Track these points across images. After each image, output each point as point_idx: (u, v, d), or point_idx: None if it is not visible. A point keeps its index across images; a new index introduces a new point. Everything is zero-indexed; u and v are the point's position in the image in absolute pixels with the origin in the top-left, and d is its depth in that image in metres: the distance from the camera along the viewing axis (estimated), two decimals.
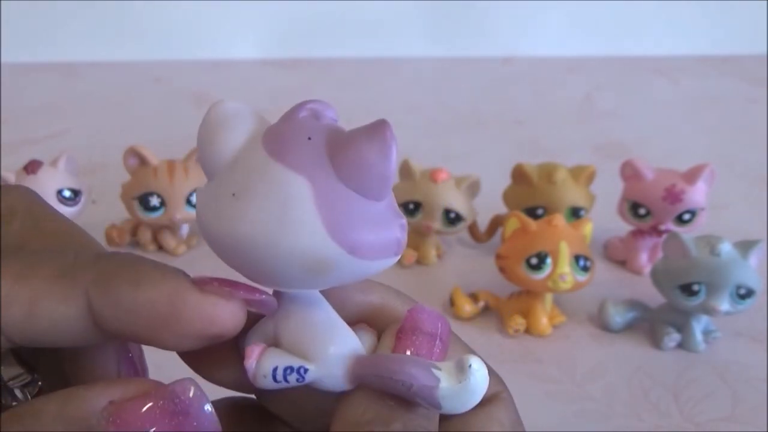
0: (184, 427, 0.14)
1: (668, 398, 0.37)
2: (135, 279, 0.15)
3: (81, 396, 0.14)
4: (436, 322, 0.17)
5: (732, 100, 0.82)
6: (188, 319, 0.15)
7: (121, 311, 0.15)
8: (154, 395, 0.14)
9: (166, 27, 0.92)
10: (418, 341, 0.16)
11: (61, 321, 0.15)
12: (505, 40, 0.95)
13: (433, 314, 0.17)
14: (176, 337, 0.15)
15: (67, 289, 0.15)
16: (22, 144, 0.66)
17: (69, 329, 0.15)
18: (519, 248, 0.40)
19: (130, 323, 0.15)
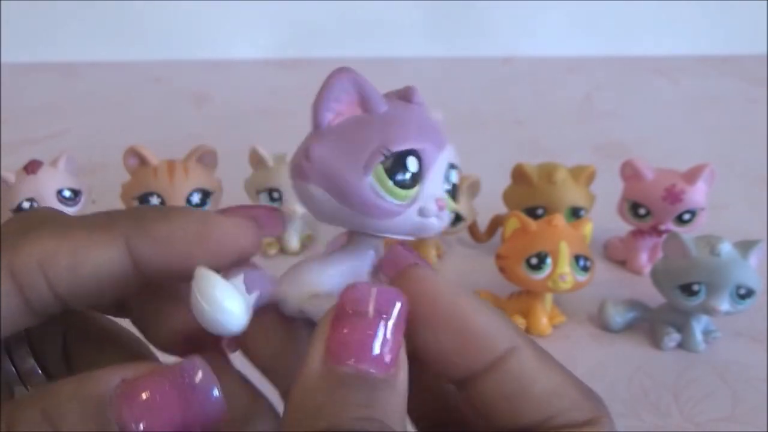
0: (191, 404, 0.14)
1: (668, 398, 0.37)
2: (165, 215, 0.17)
3: (96, 376, 0.15)
4: (367, 299, 0.15)
5: (732, 100, 0.82)
6: (216, 237, 0.17)
7: (157, 243, 0.16)
8: (164, 373, 0.15)
9: (166, 27, 0.92)
10: (349, 324, 0.15)
11: (103, 265, 0.16)
12: (505, 40, 0.95)
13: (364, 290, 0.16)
14: (207, 255, 0.16)
15: (106, 234, 0.16)
16: (22, 144, 0.66)
17: (111, 272, 0.16)
18: (519, 248, 0.40)
19: (166, 253, 0.16)
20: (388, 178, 0.17)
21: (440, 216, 0.17)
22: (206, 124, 0.74)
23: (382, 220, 0.17)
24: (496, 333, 0.17)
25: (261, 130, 0.72)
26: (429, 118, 0.18)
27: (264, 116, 0.76)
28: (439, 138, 0.18)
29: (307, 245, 0.50)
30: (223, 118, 0.75)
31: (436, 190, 0.17)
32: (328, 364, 0.15)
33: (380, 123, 0.17)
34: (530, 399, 0.17)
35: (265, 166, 0.47)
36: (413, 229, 0.17)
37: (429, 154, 0.17)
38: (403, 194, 0.17)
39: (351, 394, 0.15)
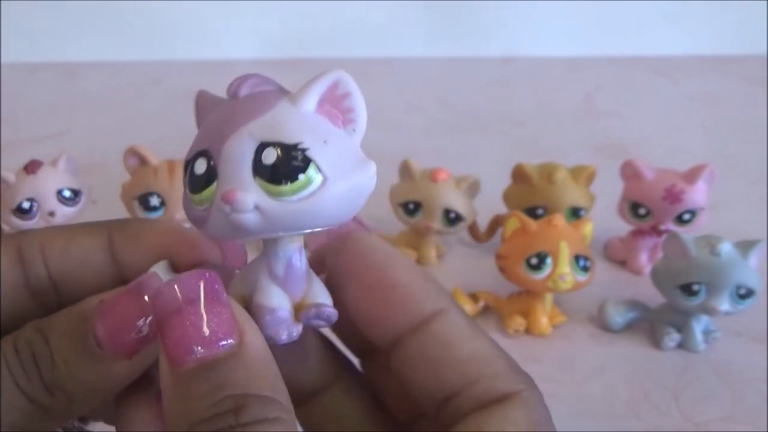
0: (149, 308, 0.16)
1: (668, 398, 0.37)
2: (142, 221, 0.20)
3: (84, 300, 0.17)
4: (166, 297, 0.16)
5: (732, 100, 0.82)
6: (178, 245, 0.19)
7: (130, 241, 0.19)
8: (126, 289, 0.17)
9: (166, 27, 0.92)
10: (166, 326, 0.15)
11: (90, 251, 0.19)
12: (505, 40, 0.95)
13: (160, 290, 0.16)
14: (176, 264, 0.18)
15: (94, 229, 0.19)
16: (22, 144, 0.66)
17: (95, 260, 0.19)
18: (519, 248, 0.40)
19: (136, 250, 0.19)
20: (186, 187, 0.17)
21: (237, 209, 0.15)
22: None
23: (203, 228, 0.16)
24: (424, 293, 0.18)
25: None
26: (234, 106, 0.17)
27: None
28: (232, 122, 0.16)
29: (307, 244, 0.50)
30: None
31: (227, 183, 0.16)
32: (173, 370, 0.15)
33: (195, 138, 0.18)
34: (453, 362, 0.17)
35: None
36: (229, 229, 0.16)
37: (214, 147, 0.16)
38: (197, 199, 0.16)
39: (197, 386, 0.15)
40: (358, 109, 0.17)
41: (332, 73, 0.17)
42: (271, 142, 0.16)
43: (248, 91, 0.17)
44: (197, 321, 0.15)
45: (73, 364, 0.17)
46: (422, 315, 0.17)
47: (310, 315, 0.17)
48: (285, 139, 0.16)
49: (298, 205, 0.16)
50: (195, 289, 0.16)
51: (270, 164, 0.15)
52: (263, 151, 0.16)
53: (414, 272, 0.18)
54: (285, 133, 0.16)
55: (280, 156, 0.15)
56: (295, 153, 0.16)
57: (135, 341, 0.17)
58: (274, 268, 0.18)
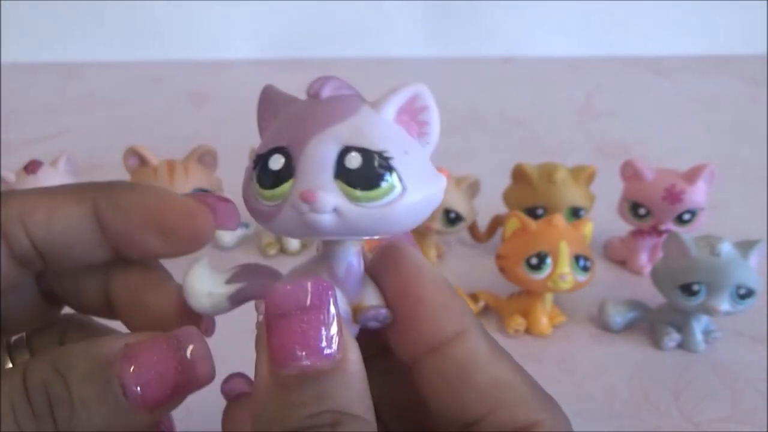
0: (184, 369, 0.16)
1: (668, 398, 0.37)
2: (131, 187, 0.19)
3: (103, 340, 0.17)
4: (288, 297, 0.16)
5: (732, 100, 0.82)
6: (171, 214, 0.18)
7: (119, 209, 0.18)
8: (163, 340, 0.17)
9: (165, 27, 0.92)
10: (279, 327, 0.15)
11: (73, 221, 0.18)
12: (505, 40, 0.95)
13: (284, 289, 0.16)
14: (160, 231, 0.18)
15: (78, 195, 0.18)
16: (22, 144, 0.66)
17: (80, 230, 0.18)
18: (519, 248, 0.40)
19: (126, 219, 0.18)
20: (257, 182, 0.17)
21: (315, 208, 0.16)
22: (206, 124, 0.74)
23: (269, 223, 0.17)
24: (446, 312, 0.17)
25: None
26: (316, 107, 0.17)
27: None
28: (316, 124, 0.16)
29: (307, 245, 0.50)
30: (222, 118, 0.75)
31: (309, 183, 0.16)
32: (274, 371, 0.15)
33: (267, 132, 0.18)
34: (473, 388, 0.16)
35: None
36: (300, 227, 0.16)
37: (296, 146, 0.16)
38: (268, 194, 0.16)
39: (298, 394, 0.15)
40: (433, 123, 0.18)
41: (413, 86, 0.17)
42: (356, 147, 0.16)
43: (330, 92, 0.17)
44: (307, 328, 0.15)
45: (94, 411, 0.16)
46: (444, 335, 0.17)
47: (368, 317, 0.17)
48: (370, 146, 0.16)
49: (376, 212, 0.16)
50: (310, 296, 0.15)
51: (353, 169, 0.16)
52: (347, 155, 0.16)
53: (440, 288, 0.17)
54: (370, 139, 0.16)
55: (365, 162, 0.16)
56: (378, 160, 0.16)
57: (167, 397, 0.16)
58: (335, 269, 0.18)
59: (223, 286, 0.18)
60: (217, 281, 0.18)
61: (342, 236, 0.16)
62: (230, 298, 0.18)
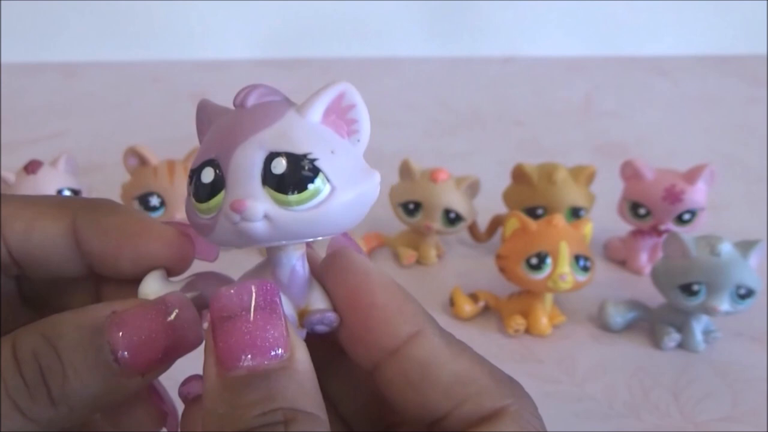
0: (171, 332, 0.17)
1: (668, 398, 0.37)
2: (113, 209, 0.19)
3: (91, 308, 0.17)
4: (232, 298, 0.16)
5: (732, 100, 0.82)
6: (150, 242, 0.18)
7: (99, 230, 0.18)
8: (150, 305, 0.17)
9: (166, 27, 0.92)
10: (223, 329, 0.15)
11: (51, 236, 0.18)
12: (505, 40, 0.95)
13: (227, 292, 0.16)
14: (137, 257, 0.18)
15: (59, 211, 0.18)
16: (22, 144, 0.66)
17: (57, 245, 0.18)
18: (519, 248, 0.40)
19: (104, 241, 0.18)
20: (192, 196, 0.17)
21: (246, 217, 0.16)
22: None
23: (209, 236, 0.17)
24: (400, 315, 0.17)
25: None
26: (242, 116, 0.17)
27: None
28: (241, 132, 0.16)
29: None
30: None
31: (235, 192, 0.16)
32: (221, 374, 0.15)
33: (201, 146, 0.18)
34: (435, 386, 0.17)
35: None
36: (236, 237, 0.16)
37: (224, 156, 0.16)
38: (204, 207, 0.16)
39: (247, 394, 0.15)
40: (362, 120, 0.17)
41: (338, 85, 0.17)
42: (281, 152, 0.16)
43: (255, 101, 0.17)
44: (253, 329, 0.15)
45: (87, 378, 0.16)
46: (400, 338, 0.17)
47: (314, 321, 0.17)
48: (294, 149, 0.16)
49: (307, 214, 0.16)
50: (254, 298, 0.16)
51: (279, 174, 0.16)
52: (272, 160, 0.16)
53: (391, 293, 0.17)
54: (294, 143, 0.16)
55: (290, 166, 0.16)
56: (303, 163, 0.16)
57: (157, 360, 0.17)
58: (278, 275, 0.18)
59: None
60: (171, 290, 0.18)
61: (277, 242, 0.16)
62: None
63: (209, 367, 0.15)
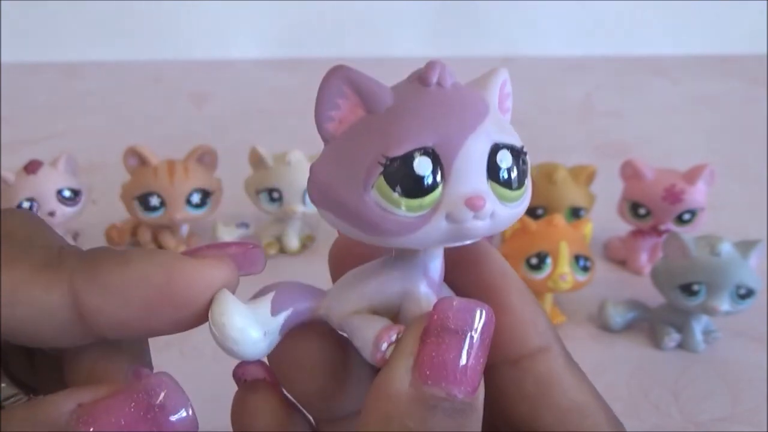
0: (158, 425, 0.13)
1: (668, 398, 0.37)
2: (123, 259, 0.14)
3: (49, 400, 0.13)
4: (466, 315, 0.14)
5: (732, 100, 0.82)
6: (186, 287, 0.14)
7: (110, 294, 0.14)
8: (126, 394, 0.14)
9: (166, 27, 0.92)
10: (444, 342, 0.14)
11: (43, 309, 0.14)
12: (505, 40, 0.95)
13: (466, 305, 0.14)
14: (174, 312, 0.14)
15: (50, 276, 0.14)
16: (22, 144, 0.66)
17: (51, 319, 0.14)
18: (519, 248, 0.40)
19: (121, 306, 0.14)
20: (392, 189, 0.14)
21: (479, 216, 0.14)
22: (206, 124, 0.74)
23: (402, 237, 0.14)
24: (533, 326, 0.16)
25: (261, 130, 0.72)
26: (451, 98, 0.15)
27: (264, 116, 0.76)
28: (466, 119, 0.14)
29: (307, 245, 0.50)
30: (223, 118, 0.75)
31: (467, 187, 0.14)
32: (418, 385, 0.13)
33: (381, 124, 0.14)
34: (552, 408, 0.16)
35: (265, 166, 0.47)
36: (447, 237, 0.14)
37: (448, 146, 0.14)
38: (416, 204, 0.14)
39: (443, 421, 0.13)
40: (511, 110, 0.16)
41: (502, 72, 0.16)
42: (504, 144, 0.14)
43: (451, 80, 0.15)
44: (470, 355, 0.14)
45: None
46: (528, 349, 0.16)
47: None
48: (515, 143, 0.15)
49: (516, 211, 0.15)
50: (482, 324, 0.14)
51: (506, 168, 0.14)
52: (497, 153, 0.14)
53: (527, 300, 0.16)
54: (511, 135, 0.15)
55: (515, 160, 0.15)
56: (522, 157, 0.15)
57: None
58: (432, 273, 0.16)
59: (271, 320, 0.15)
60: (262, 315, 0.15)
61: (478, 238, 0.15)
62: (281, 331, 0.16)
63: (401, 370, 0.14)
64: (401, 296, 0.16)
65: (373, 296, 0.16)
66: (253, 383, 0.17)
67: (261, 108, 0.78)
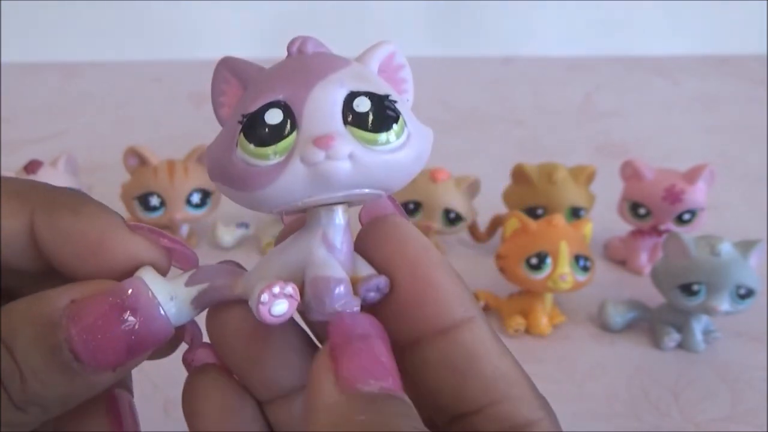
0: (136, 323, 0.15)
1: (668, 398, 0.37)
2: (76, 209, 0.16)
3: (47, 296, 0.15)
4: (362, 321, 0.15)
5: (732, 100, 0.82)
6: (114, 253, 0.16)
7: (57, 234, 0.16)
8: (107, 293, 0.15)
9: (166, 27, 0.92)
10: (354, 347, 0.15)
11: (6, 234, 0.16)
12: (505, 40, 0.95)
13: (356, 315, 0.15)
14: (98, 267, 0.16)
15: (16, 206, 0.16)
16: (22, 144, 0.66)
17: (12, 243, 0.16)
18: (519, 248, 0.40)
19: (62, 247, 0.16)
20: (249, 142, 0.15)
21: (332, 155, 0.14)
22: (206, 124, 0.74)
23: (266, 188, 0.15)
24: (457, 297, 0.16)
25: None
26: (309, 60, 0.16)
27: None
28: (317, 72, 0.15)
29: None
30: None
31: (317, 129, 0.15)
32: (348, 391, 0.14)
33: (246, 95, 0.16)
34: (478, 377, 0.16)
35: None
36: (310, 183, 0.15)
37: (297, 96, 0.15)
38: (269, 151, 0.15)
39: (389, 407, 0.14)
40: (410, 81, 0.17)
41: (387, 45, 0.17)
42: (363, 91, 0.15)
43: (314, 49, 0.16)
44: (379, 354, 0.15)
45: (47, 378, 0.15)
46: (453, 319, 0.16)
47: (370, 286, 0.16)
48: (376, 90, 0.16)
49: (389, 157, 0.15)
50: (376, 326, 0.15)
51: (364, 112, 0.15)
52: (354, 99, 0.15)
53: (450, 273, 0.17)
54: (374, 84, 0.16)
55: (374, 104, 0.15)
56: (387, 103, 0.15)
57: (123, 358, 0.15)
58: (332, 239, 0.16)
59: (183, 289, 0.17)
60: (175, 284, 0.17)
61: (354, 188, 0.15)
62: (193, 301, 0.17)
63: (325, 385, 0.14)
64: (304, 263, 0.16)
65: (281, 268, 0.16)
66: (201, 367, 0.18)
67: None
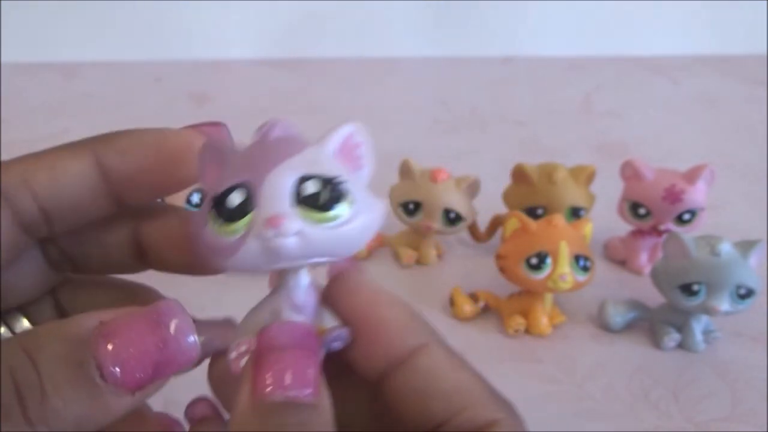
0: (165, 346, 0.16)
1: (668, 398, 0.37)
2: (128, 132, 0.20)
3: (75, 318, 0.16)
4: (284, 333, 0.17)
5: (732, 100, 0.82)
6: (176, 143, 0.20)
7: (120, 153, 0.19)
8: (140, 315, 0.16)
9: (166, 27, 0.92)
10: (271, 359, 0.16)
11: (77, 175, 0.18)
12: (505, 40, 0.95)
13: (282, 326, 0.17)
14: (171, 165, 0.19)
15: (78, 149, 0.19)
16: (22, 144, 0.66)
17: (83, 180, 0.18)
18: (519, 248, 0.40)
19: (128, 161, 0.19)
20: (217, 219, 0.17)
21: (280, 233, 0.16)
22: None
23: (229, 258, 0.17)
24: (408, 329, 0.18)
25: None
26: (272, 146, 0.18)
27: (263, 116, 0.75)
28: (275, 158, 0.18)
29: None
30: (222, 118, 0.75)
31: (270, 210, 0.17)
32: (257, 397, 0.15)
33: (220, 175, 0.18)
34: (437, 394, 0.17)
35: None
36: (264, 256, 0.17)
37: (256, 180, 0.17)
38: (231, 228, 0.17)
39: (285, 418, 0.15)
40: (368, 157, 0.19)
41: (347, 126, 0.19)
42: (312, 175, 0.17)
43: (281, 133, 0.19)
44: (296, 364, 0.16)
45: (67, 396, 0.15)
46: (407, 349, 0.18)
47: (333, 337, 0.18)
48: (325, 173, 0.17)
49: (335, 232, 0.17)
50: (302, 336, 0.17)
51: (312, 193, 0.17)
52: (304, 182, 0.17)
53: (399, 309, 0.19)
54: (323, 167, 0.18)
55: (322, 187, 0.17)
56: (333, 184, 0.17)
57: (148, 377, 0.16)
58: (295, 298, 0.19)
59: None
60: None
61: (304, 259, 0.17)
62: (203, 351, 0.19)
63: (244, 392, 0.16)
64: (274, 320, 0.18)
65: (253, 326, 0.18)
66: (201, 420, 0.20)
67: (261, 108, 0.77)
